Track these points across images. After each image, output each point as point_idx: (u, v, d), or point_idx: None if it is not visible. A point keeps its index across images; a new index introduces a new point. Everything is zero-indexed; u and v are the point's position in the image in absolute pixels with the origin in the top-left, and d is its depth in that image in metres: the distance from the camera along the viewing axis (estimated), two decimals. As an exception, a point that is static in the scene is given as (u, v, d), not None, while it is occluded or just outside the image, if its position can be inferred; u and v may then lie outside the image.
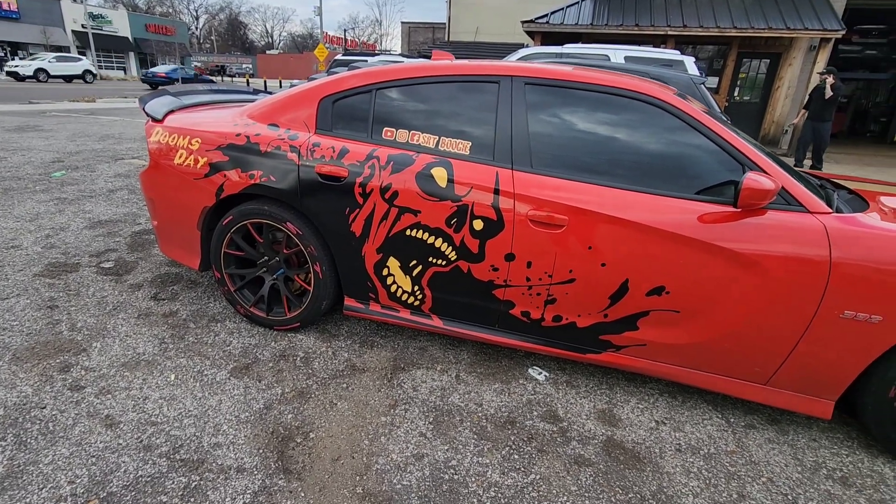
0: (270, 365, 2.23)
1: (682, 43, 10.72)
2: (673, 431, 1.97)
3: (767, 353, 1.86)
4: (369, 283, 2.30)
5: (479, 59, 2.36)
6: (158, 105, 2.59)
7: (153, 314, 2.59)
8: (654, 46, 8.74)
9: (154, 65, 41.13)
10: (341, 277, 2.35)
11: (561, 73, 2.06)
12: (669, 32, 10.05)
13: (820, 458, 1.89)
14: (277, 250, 2.44)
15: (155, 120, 2.51)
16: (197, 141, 2.36)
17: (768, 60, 11.31)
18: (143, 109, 2.55)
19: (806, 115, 7.86)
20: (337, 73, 2.83)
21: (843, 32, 9.34)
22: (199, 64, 54.00)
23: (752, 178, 1.65)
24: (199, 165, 2.35)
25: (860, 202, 2.03)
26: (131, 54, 39.05)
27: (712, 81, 11.08)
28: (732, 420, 2.07)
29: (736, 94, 11.77)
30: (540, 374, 2.29)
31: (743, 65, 11.65)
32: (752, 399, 1.96)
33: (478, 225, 2.02)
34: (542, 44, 11.00)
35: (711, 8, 10.24)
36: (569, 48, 7.19)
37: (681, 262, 1.84)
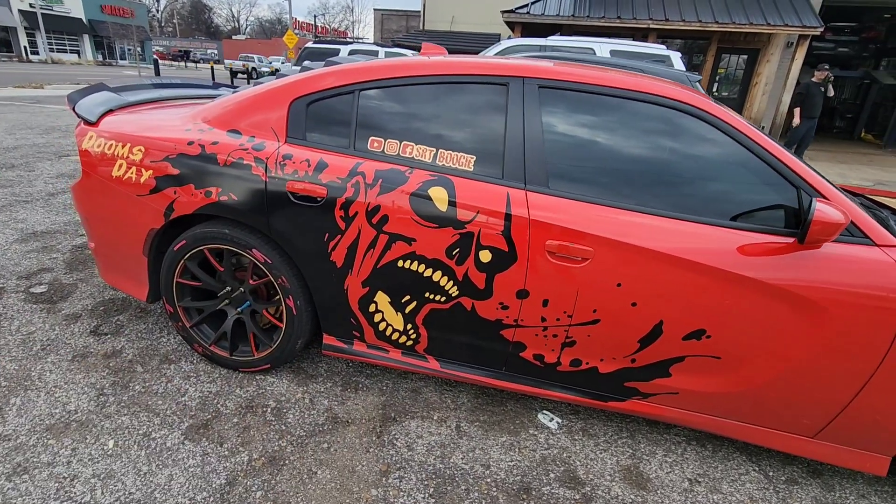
0: (235, 420, 1.86)
1: (663, 36, 10.59)
2: (710, 493, 1.71)
3: (820, 405, 1.62)
4: (353, 319, 1.95)
5: (472, 55, 2.02)
6: (92, 104, 2.15)
7: (92, 354, 2.17)
8: (635, 39, 8.56)
9: (112, 49, 38.88)
10: (319, 312, 1.99)
11: (582, 74, 1.74)
12: (651, 26, 9.88)
13: (875, 521, 1.66)
14: (242, 279, 2.06)
15: (88, 123, 2.07)
16: (139, 150, 1.94)
17: (746, 56, 11.31)
18: (73, 110, 2.10)
19: (800, 112, 7.77)
20: (307, 64, 2.44)
21: (822, 29, 9.37)
22: (160, 49, 51.43)
23: (823, 211, 1.37)
24: (142, 179, 1.94)
25: (914, 227, 1.79)
26: (86, 37, 36.75)
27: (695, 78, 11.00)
28: (772, 474, 1.82)
29: (715, 89, 11.76)
30: (552, 420, 2.00)
31: (722, 60, 11.63)
32: (796, 453, 1.71)
33: (485, 256, 1.70)
34: (523, 35, 10.68)
35: (693, 2, 10.11)
36: (553, 41, 6.89)
37: (726, 303, 1.56)
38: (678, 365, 1.69)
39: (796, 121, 7.65)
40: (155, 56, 35.30)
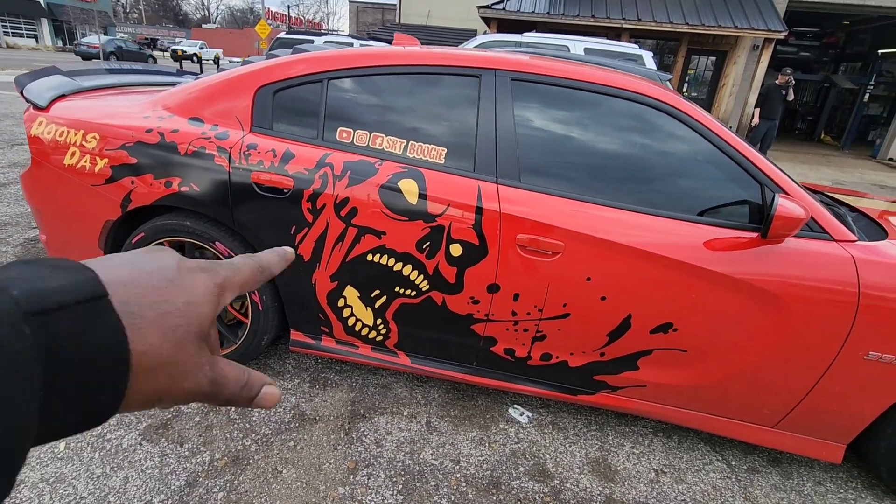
0: (196, 420, 1.79)
1: (635, 36, 10.76)
2: (675, 483, 1.74)
3: (780, 395, 1.66)
4: (321, 315, 1.90)
5: (448, 47, 1.99)
6: (43, 88, 2.03)
7: (43, 353, 2.06)
8: (609, 38, 8.67)
9: (72, 34, 37.12)
10: (286, 308, 1.93)
11: (555, 68, 1.73)
12: (624, 25, 10.03)
13: (830, 506, 1.72)
14: (205, 273, 1.98)
15: (37, 107, 1.95)
16: (93, 137, 1.84)
17: (715, 58, 11.61)
18: (22, 94, 1.98)
19: (759, 113, 8.01)
20: (278, 55, 2.36)
21: (786, 33, 9.68)
22: (125, 36, 49.43)
23: (785, 206, 1.40)
24: (97, 168, 1.84)
25: (869, 223, 1.86)
26: (44, 21, 34.99)
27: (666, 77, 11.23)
28: (734, 463, 1.87)
29: (685, 89, 12.03)
30: (522, 414, 2.00)
31: (692, 61, 11.90)
32: (758, 443, 1.76)
33: (456, 250, 1.67)
34: (498, 31, 10.68)
35: (664, 3, 10.30)
36: (528, 37, 6.92)
37: (692, 297, 1.59)
38: (646, 358, 1.71)
39: (755, 121, 7.90)
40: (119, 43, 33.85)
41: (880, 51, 13.71)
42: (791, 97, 7.69)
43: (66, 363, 0.21)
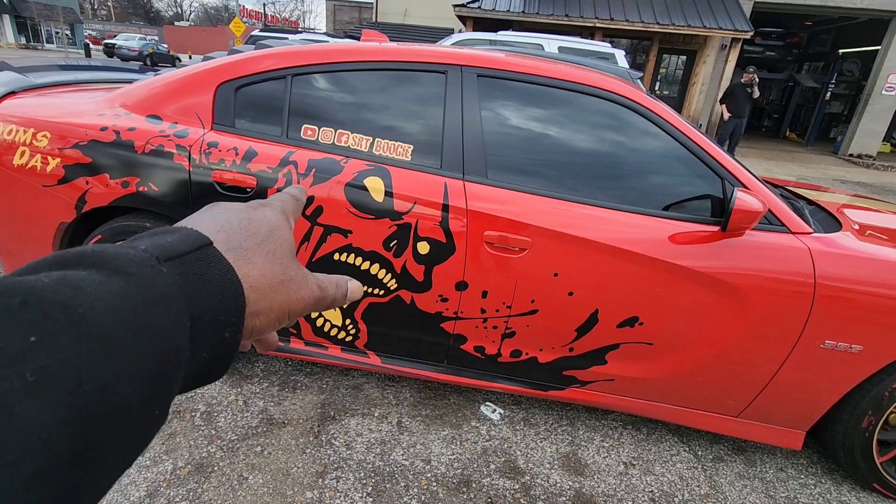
0: (159, 427, 1.74)
1: (609, 35, 10.91)
2: (643, 475, 1.76)
3: (743, 385, 1.70)
4: (289, 316, 1.86)
5: (416, 43, 1.98)
6: (-10, 84, 1.94)
7: None
8: (583, 37, 8.77)
9: (37, 32, 35.70)
10: (252, 310, 1.89)
11: (518, 64, 1.73)
12: (597, 24, 10.16)
13: (791, 492, 1.77)
14: (167, 276, 1.92)
15: (-16, 105, 1.86)
16: (45, 136, 1.76)
17: (685, 57, 11.86)
18: (-33, 90, 1.89)
19: (726, 109, 8.18)
20: (236, 49, 2.31)
21: (752, 33, 9.96)
22: (92, 33, 47.80)
23: (743, 199, 1.43)
24: (49, 168, 1.77)
25: (826, 216, 1.92)
26: (6, 17, 33.58)
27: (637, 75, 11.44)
28: (700, 453, 1.91)
29: (657, 88, 12.26)
30: (494, 412, 2.00)
31: (663, 60, 12.14)
32: (723, 432, 1.80)
33: (423, 248, 1.66)
34: (474, 30, 10.71)
35: (636, 4, 10.48)
36: (503, 35, 6.95)
37: (657, 290, 1.61)
38: (614, 352, 1.73)
39: (726, 115, 8.08)
40: (87, 41, 32.76)
41: (841, 50, 14.23)
42: (756, 94, 7.90)
43: (198, 297, 0.24)
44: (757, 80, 7.85)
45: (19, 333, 0.17)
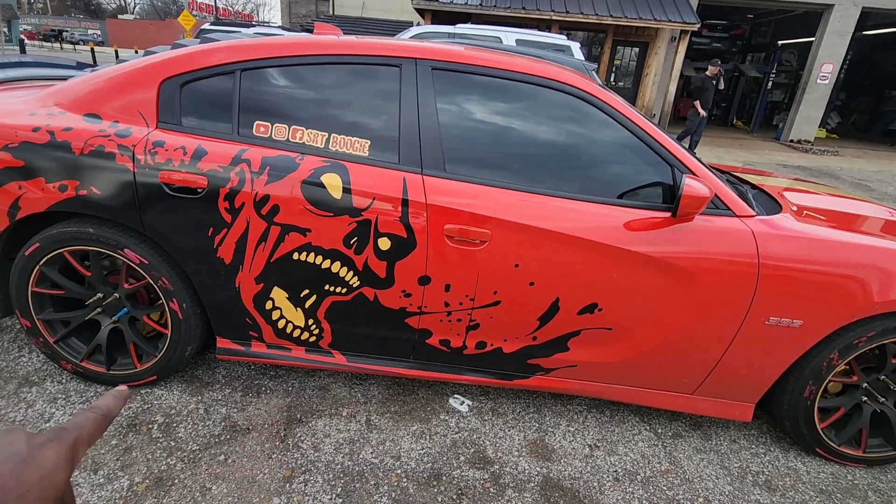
0: (114, 443, 1.66)
1: (564, 28, 11.09)
2: (607, 456, 1.82)
3: (697, 364, 1.78)
4: (249, 319, 1.81)
5: (371, 36, 1.95)
6: None
7: (-75, 384, 1.83)
8: (540, 30, 8.87)
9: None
10: (210, 314, 1.83)
11: (473, 56, 1.73)
12: (553, 17, 10.31)
13: (744, 462, 1.87)
14: (115, 283, 1.83)
15: None
16: (-31, 138, 1.63)
17: (638, 49, 12.21)
18: None
19: (699, 104, 8.21)
20: (179, 43, 2.21)
21: (699, 26, 10.35)
22: (28, 28, 44.54)
23: (691, 186, 1.49)
24: (-24, 173, 1.64)
25: (767, 199, 2.02)
26: (-79, 9, 30.80)
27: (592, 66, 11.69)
28: (660, 431, 1.99)
29: (612, 79, 12.58)
30: (462, 404, 2.01)
31: (617, 52, 12.45)
32: (679, 410, 1.88)
33: (384, 244, 1.65)
34: (433, 23, 10.65)
35: (590, -4, 10.69)
36: (461, 28, 6.94)
37: (614, 277, 1.66)
38: (575, 339, 1.77)
39: (702, 112, 8.05)
40: (22, 36, 30.45)
41: (780, 42, 14.99)
42: (722, 86, 8.18)
43: None
44: (723, 72, 8.11)
45: None
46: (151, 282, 1.75)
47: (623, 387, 1.87)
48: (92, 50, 18.67)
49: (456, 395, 2.06)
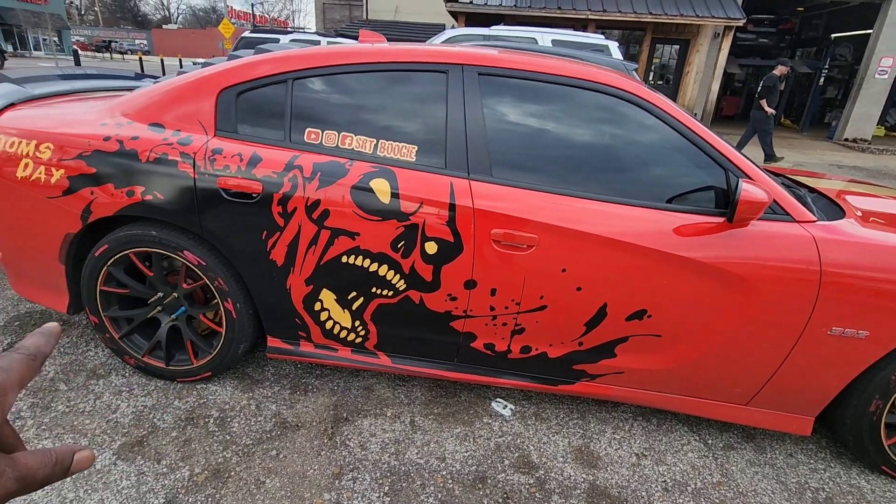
0: (174, 434, 1.75)
1: (601, 27, 10.90)
2: (655, 465, 1.78)
3: (751, 374, 1.72)
4: (298, 319, 1.87)
5: (415, 43, 1.98)
6: (-10, 97, 1.93)
7: (6, 375, 1.97)
8: (575, 30, 8.75)
9: (23, 39, 35.32)
10: (261, 314, 1.89)
11: (521, 61, 1.73)
12: (590, 16, 10.15)
13: (802, 477, 1.79)
14: (175, 283, 1.93)
15: (-15, 118, 1.86)
16: (47, 147, 1.76)
17: (679, 46, 11.86)
18: (-34, 103, 1.88)
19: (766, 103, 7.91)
20: (241, 55, 2.31)
21: (744, 21, 9.95)
22: (81, 39, 47.44)
23: (748, 190, 1.44)
24: (53, 180, 1.76)
25: (828, 203, 1.93)
26: (-9, 26, 33.26)
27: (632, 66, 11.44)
28: (710, 442, 1.93)
29: (651, 78, 12.26)
30: (505, 408, 2.01)
31: (656, 50, 12.13)
32: (732, 421, 1.82)
33: (431, 248, 1.67)
34: (466, 25, 10.67)
35: (628, -7, 10.46)
36: (496, 30, 6.93)
37: (664, 282, 1.62)
38: (623, 345, 1.74)
39: (770, 111, 7.77)
40: (75, 46, 32.48)
41: (833, 35, 14.23)
42: (782, 87, 7.90)
43: None
44: (789, 72, 7.84)
45: None
46: (208, 282, 1.83)
47: (672, 395, 1.82)
48: (140, 59, 19.64)
49: (498, 399, 2.06)
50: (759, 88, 7.85)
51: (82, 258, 1.93)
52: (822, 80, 13.16)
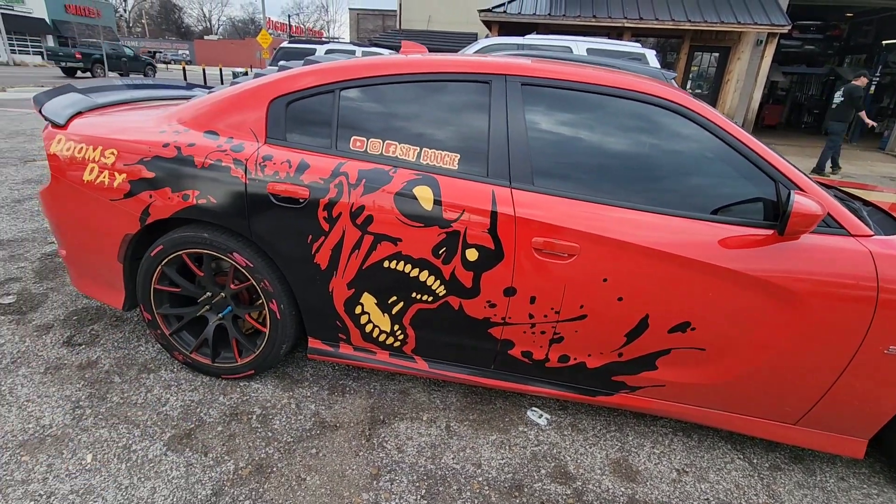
0: (219, 429, 1.81)
1: (637, 35, 10.76)
2: (697, 482, 1.74)
3: (801, 392, 1.66)
4: (339, 322, 1.92)
5: (455, 53, 2.01)
6: (60, 105, 2.07)
7: (66, 366, 2.09)
8: (610, 38, 8.67)
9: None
10: (304, 316, 1.95)
11: (562, 71, 1.74)
12: (626, 24, 10.03)
13: (854, 502, 1.71)
14: (223, 284, 2.01)
15: (56, 125, 1.99)
16: (112, 153, 1.87)
17: (718, 54, 11.58)
18: (40, 112, 2.02)
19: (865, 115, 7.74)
20: (284, 64, 2.40)
21: (789, 27, 9.64)
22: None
23: (801, 203, 1.40)
24: (116, 183, 1.87)
25: (885, 217, 1.86)
26: (49, 38, 35.50)
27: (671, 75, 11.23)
28: (756, 461, 1.86)
29: (689, 86, 12.00)
30: (541, 417, 2.00)
31: (695, 58, 11.88)
32: (780, 440, 1.76)
33: (471, 255, 1.69)
34: (500, 34, 10.72)
35: (666, 1, 10.30)
36: (530, 39, 6.94)
37: (709, 295, 1.59)
38: (664, 358, 1.71)
39: (871, 123, 7.63)
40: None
41: (885, 42, 13.61)
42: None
43: None
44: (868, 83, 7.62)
45: None
46: (255, 283, 1.90)
47: (715, 411, 1.78)
48: (183, 69, 20.54)
49: (534, 408, 2.05)
50: (849, 100, 7.56)
51: (138, 258, 2.04)
52: (872, 88, 12.58)
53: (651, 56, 6.55)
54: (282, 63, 2.55)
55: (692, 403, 1.78)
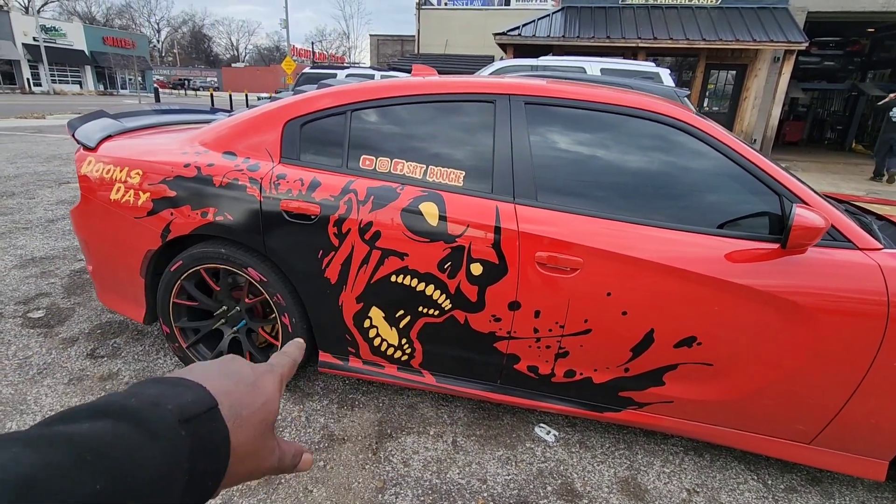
0: (231, 440, 1.85)
1: (652, 54, 10.81)
2: (708, 503, 1.70)
3: (813, 410, 1.62)
4: (348, 335, 1.96)
5: (464, 75, 2.08)
6: (92, 130, 2.20)
7: (88, 377, 2.18)
8: (625, 58, 8.74)
9: (113, 79, 39.44)
10: (315, 330, 2.00)
11: (565, 90, 1.79)
12: (640, 44, 10.12)
13: (876, 527, 1.64)
14: (238, 298, 2.08)
15: (87, 148, 2.12)
16: (137, 173, 1.98)
17: (735, 72, 11.54)
18: (73, 136, 2.16)
19: None
20: (304, 89, 2.51)
21: (807, 44, 9.58)
22: (161, 78, 52.37)
23: (803, 215, 1.40)
24: (140, 202, 1.98)
25: (897, 231, 1.83)
26: (87, 68, 37.46)
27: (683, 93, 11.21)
28: (770, 482, 1.81)
29: (705, 105, 11.95)
30: (548, 433, 1.99)
31: (711, 76, 11.86)
32: (793, 460, 1.71)
33: (476, 269, 1.72)
34: (515, 56, 10.92)
35: (680, 21, 10.37)
36: (544, 60, 7.05)
37: (714, 309, 1.58)
38: (671, 373, 1.70)
39: None
40: (155, 85, 35.90)
41: (909, 56, 13.35)
42: None
43: (200, 458, 0.29)
44: None
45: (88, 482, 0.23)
46: (268, 297, 1.96)
47: (726, 429, 1.74)
48: (211, 95, 21.41)
49: (542, 424, 2.04)
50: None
51: (158, 273, 2.13)
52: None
53: (665, 75, 6.59)
54: (296, 88, 2.67)
55: (702, 420, 1.76)
